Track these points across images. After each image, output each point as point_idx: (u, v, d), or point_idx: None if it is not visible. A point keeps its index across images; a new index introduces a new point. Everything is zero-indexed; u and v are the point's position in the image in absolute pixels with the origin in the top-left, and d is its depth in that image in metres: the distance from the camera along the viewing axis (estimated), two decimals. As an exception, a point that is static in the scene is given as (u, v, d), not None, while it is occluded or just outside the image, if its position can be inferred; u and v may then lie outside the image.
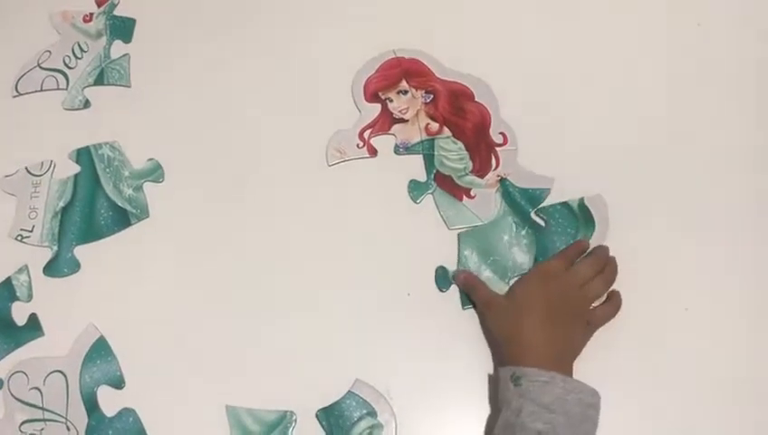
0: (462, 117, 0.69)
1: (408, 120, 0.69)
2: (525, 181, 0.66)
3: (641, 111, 0.68)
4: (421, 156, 0.68)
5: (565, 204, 0.65)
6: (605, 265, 0.61)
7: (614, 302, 0.60)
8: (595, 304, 0.60)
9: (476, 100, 0.69)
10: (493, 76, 0.69)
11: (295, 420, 0.59)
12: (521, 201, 0.65)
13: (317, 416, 0.59)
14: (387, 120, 0.69)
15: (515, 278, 0.62)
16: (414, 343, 0.61)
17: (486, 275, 0.63)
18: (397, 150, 0.68)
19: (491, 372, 0.59)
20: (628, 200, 0.64)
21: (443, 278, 0.63)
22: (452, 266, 0.63)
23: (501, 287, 0.62)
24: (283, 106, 0.71)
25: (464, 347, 0.61)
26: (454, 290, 0.62)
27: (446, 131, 0.68)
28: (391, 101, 0.70)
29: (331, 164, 0.67)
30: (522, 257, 0.63)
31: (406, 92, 0.70)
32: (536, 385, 0.53)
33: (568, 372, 0.56)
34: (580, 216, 0.64)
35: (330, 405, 0.59)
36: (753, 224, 0.64)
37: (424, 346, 0.61)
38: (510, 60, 0.71)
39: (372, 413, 0.58)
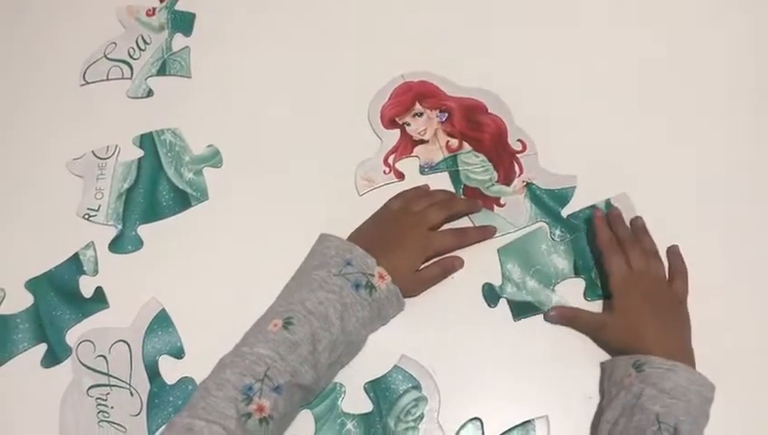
0: (479, 130, 0.70)
1: (428, 141, 0.71)
2: (550, 183, 0.68)
3: (644, 102, 0.72)
4: (447, 173, 0.69)
5: (593, 207, 0.67)
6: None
7: (684, 271, 0.63)
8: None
9: (490, 112, 0.71)
10: (501, 87, 0.72)
11: (345, 392, 0.62)
12: (549, 202, 0.67)
13: (365, 388, 0.61)
14: (408, 144, 0.71)
15: (559, 284, 0.64)
16: (458, 323, 0.64)
17: (531, 284, 0.65)
18: (422, 171, 0.70)
19: (528, 350, 0.62)
20: (649, 191, 0.68)
21: (491, 294, 0.65)
22: (497, 281, 0.65)
23: (547, 295, 0.64)
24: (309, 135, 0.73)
25: (508, 327, 0.64)
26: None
27: (467, 146, 0.70)
28: (409, 124, 0.71)
29: (361, 193, 0.69)
30: (561, 263, 0.65)
31: (421, 114, 0.71)
32: (659, 372, 0.54)
33: (691, 363, 0.57)
34: None
35: (377, 378, 0.62)
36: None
37: (468, 326, 0.64)
38: (516, 69, 0.73)
39: (417, 387, 0.61)
